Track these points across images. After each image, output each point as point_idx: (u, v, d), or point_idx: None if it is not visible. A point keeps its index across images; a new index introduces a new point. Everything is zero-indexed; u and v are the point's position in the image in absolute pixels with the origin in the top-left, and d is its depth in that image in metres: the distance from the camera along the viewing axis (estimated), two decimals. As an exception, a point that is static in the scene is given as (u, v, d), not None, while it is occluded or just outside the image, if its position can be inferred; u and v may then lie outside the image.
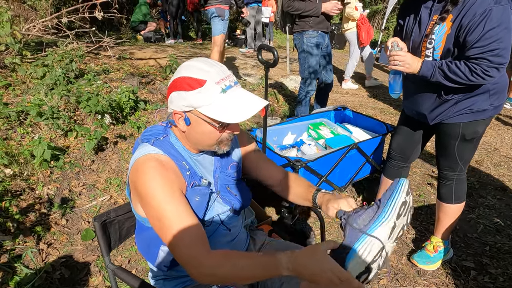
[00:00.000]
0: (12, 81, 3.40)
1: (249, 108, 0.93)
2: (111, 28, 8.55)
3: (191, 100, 0.91)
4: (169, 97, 0.96)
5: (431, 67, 1.50)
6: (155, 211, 0.91)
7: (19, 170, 2.34)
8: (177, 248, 0.89)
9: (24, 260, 1.82)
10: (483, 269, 1.97)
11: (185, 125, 0.96)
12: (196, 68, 0.92)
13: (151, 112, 3.65)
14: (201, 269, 0.87)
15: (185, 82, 0.91)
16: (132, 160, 0.99)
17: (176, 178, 0.96)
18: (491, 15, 1.31)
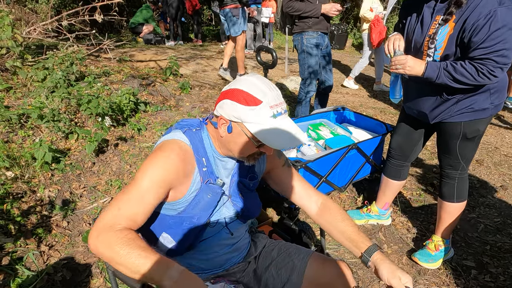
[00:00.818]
0: (13, 84, 3.42)
1: (290, 139, 0.98)
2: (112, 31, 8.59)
3: (242, 114, 0.96)
4: (221, 102, 1.00)
5: (436, 69, 1.50)
6: (135, 178, 0.97)
7: (20, 172, 2.35)
8: (107, 211, 0.93)
9: (25, 262, 1.83)
10: (483, 268, 1.97)
11: (227, 132, 1.00)
12: (256, 87, 0.96)
13: (151, 114, 3.66)
14: (100, 242, 0.88)
15: (242, 96, 0.96)
16: (160, 139, 1.06)
17: (180, 173, 0.99)
18: (496, 16, 1.32)
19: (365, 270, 1.95)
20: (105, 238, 0.88)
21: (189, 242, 1.08)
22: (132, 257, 0.84)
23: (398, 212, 2.47)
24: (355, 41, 10.36)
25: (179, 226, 1.05)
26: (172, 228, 1.06)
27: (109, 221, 0.91)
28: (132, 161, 2.88)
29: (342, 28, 9.49)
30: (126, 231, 0.89)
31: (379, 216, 2.31)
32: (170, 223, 1.05)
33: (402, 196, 2.67)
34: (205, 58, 6.25)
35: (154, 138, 3.29)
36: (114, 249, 0.85)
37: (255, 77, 1.00)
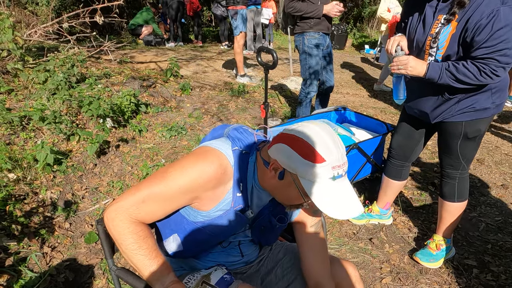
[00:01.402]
0: (14, 86, 3.43)
1: (344, 208, 0.88)
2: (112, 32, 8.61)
3: (300, 168, 0.86)
4: (278, 144, 0.90)
5: (438, 69, 1.50)
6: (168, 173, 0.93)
7: (22, 174, 2.36)
8: (129, 194, 0.93)
9: (28, 264, 1.84)
10: (485, 267, 1.97)
11: (277, 178, 0.92)
12: (323, 142, 0.86)
13: (152, 115, 3.67)
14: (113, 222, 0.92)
15: (305, 148, 0.86)
16: (206, 142, 1.02)
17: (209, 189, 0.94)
18: (499, 15, 1.31)
19: (367, 270, 1.95)
20: (119, 225, 0.91)
21: (196, 252, 1.08)
22: (137, 254, 0.92)
23: (399, 211, 2.47)
24: (355, 41, 10.36)
25: (193, 235, 1.02)
26: (185, 233, 1.03)
27: (129, 207, 0.92)
28: (133, 162, 2.89)
29: (342, 28, 9.50)
30: (141, 227, 0.93)
31: (380, 215, 2.32)
32: (186, 228, 1.03)
33: (403, 195, 2.67)
34: (205, 59, 6.27)
35: (155, 139, 3.30)
36: (124, 240, 0.91)
37: (322, 127, 0.89)
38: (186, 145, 3.26)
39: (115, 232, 0.92)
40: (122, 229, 0.91)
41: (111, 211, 0.92)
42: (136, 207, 0.92)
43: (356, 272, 1.22)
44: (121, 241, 0.92)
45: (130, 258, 0.93)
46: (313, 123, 0.92)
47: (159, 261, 0.93)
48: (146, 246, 0.92)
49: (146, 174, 2.52)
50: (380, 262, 2.01)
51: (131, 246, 0.92)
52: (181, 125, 3.54)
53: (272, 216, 1.06)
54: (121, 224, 0.91)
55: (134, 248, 0.92)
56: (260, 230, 1.08)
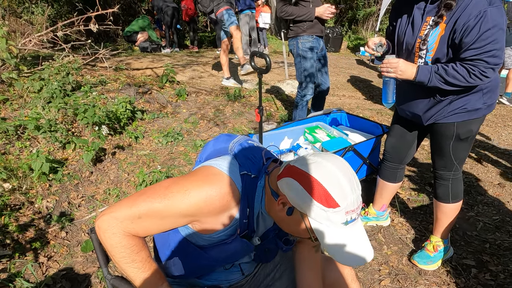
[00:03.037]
0: (9, 95, 3.42)
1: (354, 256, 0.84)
2: (107, 40, 8.63)
3: (311, 209, 0.81)
4: (287, 179, 0.84)
5: (427, 73, 1.50)
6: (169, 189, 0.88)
7: (18, 184, 2.35)
8: (128, 204, 0.88)
9: (24, 274, 1.82)
10: (483, 267, 1.97)
11: (285, 213, 0.86)
12: (339, 186, 0.80)
13: (148, 121, 3.67)
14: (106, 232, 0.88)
15: (318, 190, 0.79)
16: (211, 160, 0.95)
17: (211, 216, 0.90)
18: (486, 17, 1.32)
19: (366, 272, 1.95)
20: (111, 238, 0.88)
21: (197, 275, 1.06)
22: (130, 266, 0.91)
23: (396, 212, 2.47)
24: (350, 44, 10.41)
25: (196, 260, 0.99)
26: (188, 257, 0.99)
27: (124, 221, 0.87)
28: (130, 169, 2.88)
29: (337, 30, 9.55)
30: (135, 240, 0.90)
31: (377, 217, 2.31)
32: (188, 251, 0.98)
33: (400, 196, 2.67)
34: (201, 64, 6.28)
35: (151, 146, 3.29)
36: (117, 253, 0.89)
37: (339, 166, 0.83)
38: (182, 151, 3.25)
39: (107, 244, 0.89)
40: (115, 242, 0.88)
41: (104, 221, 0.87)
42: (131, 221, 0.87)
43: (352, 272, 1.22)
44: (113, 253, 0.90)
45: (123, 269, 0.92)
46: (329, 160, 0.84)
47: (153, 272, 0.92)
48: (139, 259, 0.90)
49: (143, 181, 2.51)
50: (379, 264, 2.01)
51: (124, 260, 0.89)
52: (178, 131, 3.54)
53: (278, 239, 1.02)
54: (114, 237, 0.87)
55: (127, 261, 0.90)
56: (264, 252, 1.04)
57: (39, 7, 8.67)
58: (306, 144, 2.63)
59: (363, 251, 0.85)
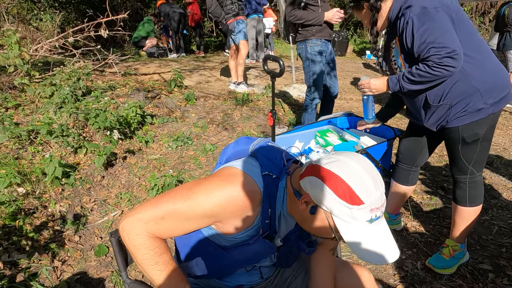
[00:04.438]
0: (21, 101, 3.47)
1: (379, 255, 0.84)
2: (115, 45, 8.72)
3: (335, 207, 0.81)
4: (311, 178, 0.84)
5: (396, 80, 1.65)
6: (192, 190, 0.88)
7: (31, 188, 2.37)
8: (153, 205, 0.89)
9: (39, 278, 1.83)
10: (501, 271, 1.94)
11: (308, 212, 0.87)
12: (362, 183, 0.80)
13: (158, 126, 3.69)
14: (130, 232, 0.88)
15: (342, 187, 0.79)
16: (232, 162, 0.96)
17: (234, 216, 0.90)
18: (413, 22, 1.50)
19: (381, 277, 1.93)
20: (135, 239, 0.88)
21: (219, 275, 1.05)
22: (153, 269, 0.91)
23: (409, 216, 2.45)
24: (356, 47, 10.42)
25: (218, 260, 0.99)
26: (210, 257, 1.00)
27: (148, 222, 0.87)
28: (140, 173, 2.89)
29: (343, 34, 9.56)
30: (158, 242, 0.90)
31: (390, 221, 2.29)
32: (211, 252, 0.99)
33: (413, 200, 2.65)
34: (208, 69, 6.31)
35: (161, 150, 3.31)
36: (140, 254, 0.89)
37: (362, 164, 0.83)
38: (192, 155, 3.26)
39: (131, 246, 0.89)
40: (139, 244, 0.88)
41: (128, 223, 0.88)
42: (155, 223, 0.88)
43: (371, 276, 1.20)
44: (137, 255, 0.90)
45: (145, 272, 0.92)
46: (352, 158, 0.84)
47: (175, 275, 0.92)
48: (162, 262, 0.91)
49: (154, 185, 2.51)
50: (393, 269, 1.99)
51: (147, 262, 0.90)
52: (187, 135, 3.55)
53: (300, 241, 1.01)
54: (138, 238, 0.88)
55: (150, 263, 0.90)
56: (286, 255, 1.04)
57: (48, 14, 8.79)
58: (317, 148, 2.62)
59: (388, 249, 0.84)
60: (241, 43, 4.69)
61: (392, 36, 1.69)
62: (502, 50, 4.82)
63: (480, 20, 10.56)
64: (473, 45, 1.56)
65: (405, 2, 1.56)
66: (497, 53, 5.05)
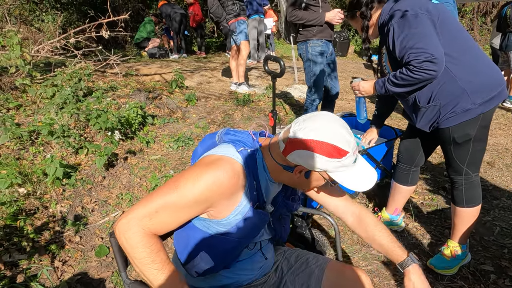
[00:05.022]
0: (23, 102, 3.47)
1: (368, 181, 1.00)
2: (116, 46, 8.73)
3: (328, 166, 0.93)
4: (299, 151, 0.93)
5: (381, 83, 1.73)
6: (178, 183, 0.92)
7: (32, 189, 2.37)
8: (145, 203, 0.91)
9: (40, 279, 1.83)
10: (502, 272, 1.93)
11: (303, 177, 0.99)
12: (341, 136, 0.92)
13: (159, 126, 3.69)
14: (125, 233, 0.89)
15: (329, 149, 0.90)
16: (206, 153, 1.01)
17: (224, 196, 0.95)
18: (394, 29, 1.57)
19: (381, 278, 1.92)
20: (132, 238, 0.89)
21: (226, 263, 1.06)
22: (150, 268, 0.91)
23: (411, 217, 2.44)
24: (357, 48, 10.40)
25: (221, 246, 1.02)
26: (213, 247, 1.02)
27: (142, 218, 0.90)
28: (141, 174, 2.89)
29: (344, 35, 9.56)
30: (154, 239, 0.92)
31: (391, 222, 2.28)
32: (211, 242, 1.02)
33: (414, 200, 2.64)
34: (209, 69, 6.32)
35: (162, 151, 3.31)
36: (137, 254, 0.90)
37: (332, 119, 0.94)
38: (193, 156, 3.26)
39: (128, 246, 0.90)
40: (135, 242, 0.89)
41: (123, 224, 0.90)
42: (149, 218, 0.90)
43: (367, 279, 1.22)
44: (133, 255, 0.90)
45: (142, 272, 0.92)
46: (321, 118, 0.94)
47: (173, 274, 0.92)
48: (159, 260, 0.91)
49: (155, 185, 2.52)
50: (394, 269, 1.98)
51: (144, 260, 0.90)
52: (188, 135, 3.55)
53: (286, 200, 1.11)
54: (134, 237, 0.89)
55: (147, 262, 0.90)
56: (278, 219, 1.12)
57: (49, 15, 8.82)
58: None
59: (370, 176, 1.00)
60: (242, 44, 4.70)
61: (382, 43, 1.75)
62: (505, 50, 4.80)
63: (482, 20, 10.54)
64: (461, 46, 1.58)
65: (390, 10, 1.63)
66: (499, 53, 5.03)
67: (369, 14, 1.78)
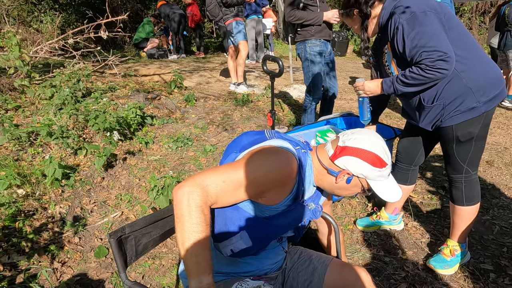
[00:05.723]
0: (21, 103, 3.47)
1: (395, 194, 1.11)
2: (115, 47, 8.73)
3: (370, 173, 1.06)
4: (347, 157, 1.06)
5: (390, 83, 1.69)
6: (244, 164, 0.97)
7: (31, 190, 2.37)
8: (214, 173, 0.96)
9: (39, 280, 1.83)
10: (502, 271, 1.93)
11: (345, 182, 1.09)
12: (383, 150, 1.07)
13: (158, 127, 3.68)
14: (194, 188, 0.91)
15: (374, 158, 1.05)
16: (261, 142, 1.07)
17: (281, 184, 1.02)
18: (403, 27, 1.53)
19: (382, 277, 1.92)
20: (195, 199, 0.90)
21: (260, 247, 1.11)
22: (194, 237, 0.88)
23: (410, 216, 2.44)
24: (356, 47, 10.40)
25: (263, 229, 1.07)
26: (254, 229, 1.06)
27: (210, 184, 0.94)
28: (141, 174, 2.89)
29: (343, 35, 9.56)
30: (209, 212, 0.93)
31: (390, 221, 2.29)
32: (255, 224, 1.06)
33: (414, 200, 2.64)
34: (208, 70, 6.31)
35: (161, 151, 3.30)
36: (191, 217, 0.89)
37: (377, 136, 1.09)
38: (192, 156, 3.26)
39: (186, 206, 0.89)
40: (195, 205, 0.89)
41: (190, 184, 0.91)
42: (216, 185, 0.94)
43: (368, 277, 1.24)
44: (187, 217, 0.88)
45: (183, 240, 0.88)
46: (367, 133, 1.08)
47: (207, 259, 0.90)
48: (205, 234, 0.89)
49: (154, 186, 2.51)
50: (394, 269, 1.98)
51: (194, 227, 0.88)
52: (187, 136, 3.55)
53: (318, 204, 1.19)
54: (198, 199, 0.89)
55: (195, 229, 0.88)
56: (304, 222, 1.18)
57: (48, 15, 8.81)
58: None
59: (397, 190, 1.12)
60: (240, 44, 4.69)
61: (384, 42, 1.71)
62: (503, 49, 4.81)
63: (480, 19, 10.55)
64: (464, 44, 1.58)
65: (394, 8, 1.58)
66: (498, 52, 5.03)
67: (369, 11, 1.73)
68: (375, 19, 1.75)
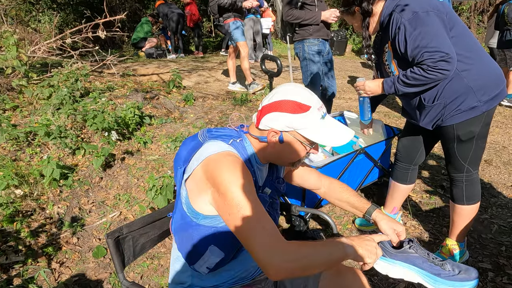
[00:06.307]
0: (19, 102, 3.46)
1: (342, 135, 1.04)
2: (113, 46, 8.71)
3: (294, 122, 0.99)
4: (268, 115, 1.01)
5: (391, 83, 1.68)
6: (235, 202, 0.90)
7: (29, 190, 2.36)
8: (259, 236, 0.86)
9: (37, 281, 1.82)
10: (500, 270, 1.93)
11: (278, 142, 1.03)
12: (301, 94, 1.00)
13: (156, 126, 3.68)
14: (286, 256, 0.85)
15: (291, 105, 0.99)
16: (202, 154, 0.98)
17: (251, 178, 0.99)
18: (405, 27, 1.52)
19: (380, 276, 1.92)
20: (286, 256, 0.85)
21: (234, 252, 1.07)
22: (319, 252, 0.90)
23: (409, 215, 2.44)
24: (355, 47, 10.41)
25: (229, 238, 1.00)
26: (221, 240, 1.02)
27: (272, 241, 0.87)
28: (139, 174, 2.88)
29: (341, 34, 9.55)
30: (291, 242, 0.89)
31: (390, 220, 2.28)
32: (219, 235, 1.02)
33: (412, 199, 2.64)
34: (206, 69, 6.31)
35: (160, 151, 3.30)
36: (303, 257, 0.87)
37: (295, 86, 1.04)
38: (191, 156, 3.25)
39: (295, 264, 0.85)
40: (293, 255, 0.86)
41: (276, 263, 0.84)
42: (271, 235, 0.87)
43: (364, 279, 1.23)
44: (305, 261, 0.87)
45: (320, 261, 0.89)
46: (282, 86, 1.05)
47: (330, 241, 0.95)
48: (310, 244, 0.92)
49: (153, 186, 2.50)
50: (393, 268, 1.98)
51: (311, 257, 0.88)
52: (186, 135, 3.54)
53: (274, 182, 1.17)
54: (286, 255, 0.85)
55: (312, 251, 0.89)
56: (271, 204, 1.14)
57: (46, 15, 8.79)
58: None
59: (345, 131, 1.05)
60: (239, 44, 4.68)
61: (384, 41, 1.70)
62: (503, 48, 4.81)
63: (479, 18, 10.56)
64: (465, 44, 1.57)
65: (396, 7, 1.56)
66: (497, 51, 5.04)
67: (370, 9, 1.70)
68: (376, 17, 1.73)
